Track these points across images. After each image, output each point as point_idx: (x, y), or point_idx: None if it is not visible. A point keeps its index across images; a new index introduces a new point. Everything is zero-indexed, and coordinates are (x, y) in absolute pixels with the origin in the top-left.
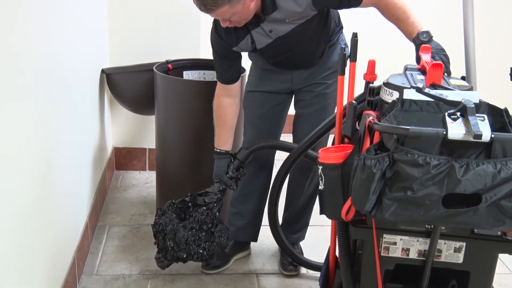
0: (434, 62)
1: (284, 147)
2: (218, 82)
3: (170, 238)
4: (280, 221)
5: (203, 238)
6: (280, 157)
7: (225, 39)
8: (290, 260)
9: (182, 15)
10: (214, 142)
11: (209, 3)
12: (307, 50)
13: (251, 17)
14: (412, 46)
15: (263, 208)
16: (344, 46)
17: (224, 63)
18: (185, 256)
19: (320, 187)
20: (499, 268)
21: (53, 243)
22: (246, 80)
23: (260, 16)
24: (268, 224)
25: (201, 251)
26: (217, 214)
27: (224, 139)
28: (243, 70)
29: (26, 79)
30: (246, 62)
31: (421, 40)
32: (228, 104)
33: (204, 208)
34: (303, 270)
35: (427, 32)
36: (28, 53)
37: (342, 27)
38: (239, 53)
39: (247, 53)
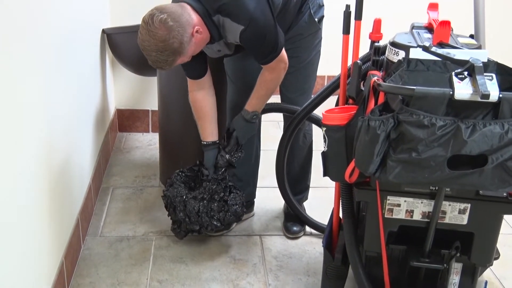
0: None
1: (288, 109)
2: (188, 79)
3: (180, 210)
4: None
5: (216, 209)
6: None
7: None
8: (294, 222)
9: None
10: (200, 136)
11: (163, 66)
12: None
13: (206, 43)
14: (419, 4)
15: (258, 167)
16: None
17: (189, 63)
18: (198, 228)
19: (323, 149)
20: (504, 228)
21: (56, 205)
22: None
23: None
24: (271, 186)
25: (215, 222)
26: (229, 183)
27: (209, 130)
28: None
29: (25, 41)
30: None
31: None
32: (202, 97)
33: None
34: (307, 231)
35: None
36: (27, 13)
37: None
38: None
39: None
